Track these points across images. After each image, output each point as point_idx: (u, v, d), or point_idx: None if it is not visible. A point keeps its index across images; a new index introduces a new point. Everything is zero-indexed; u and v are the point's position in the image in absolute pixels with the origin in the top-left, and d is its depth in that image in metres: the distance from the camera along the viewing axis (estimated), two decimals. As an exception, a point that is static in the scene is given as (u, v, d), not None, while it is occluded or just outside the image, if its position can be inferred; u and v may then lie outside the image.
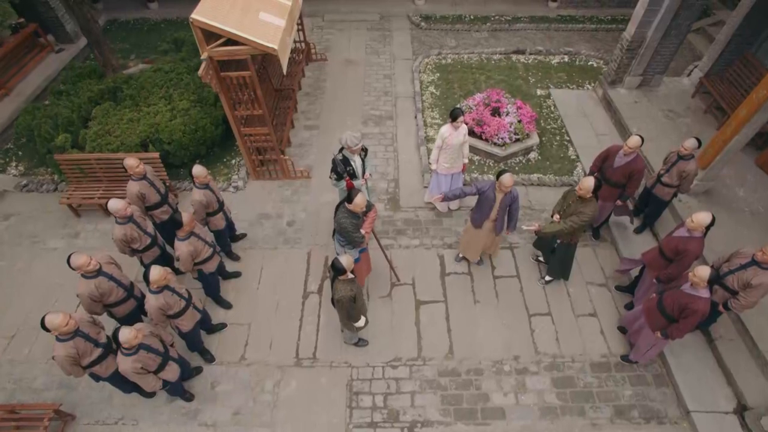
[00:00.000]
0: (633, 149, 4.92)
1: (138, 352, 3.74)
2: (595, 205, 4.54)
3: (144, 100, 6.64)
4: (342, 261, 3.85)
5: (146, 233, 4.79)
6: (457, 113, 5.17)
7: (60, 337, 3.72)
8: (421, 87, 8.38)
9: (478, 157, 7.03)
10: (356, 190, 4.23)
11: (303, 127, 7.81)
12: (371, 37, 9.80)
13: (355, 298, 4.07)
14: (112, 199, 4.48)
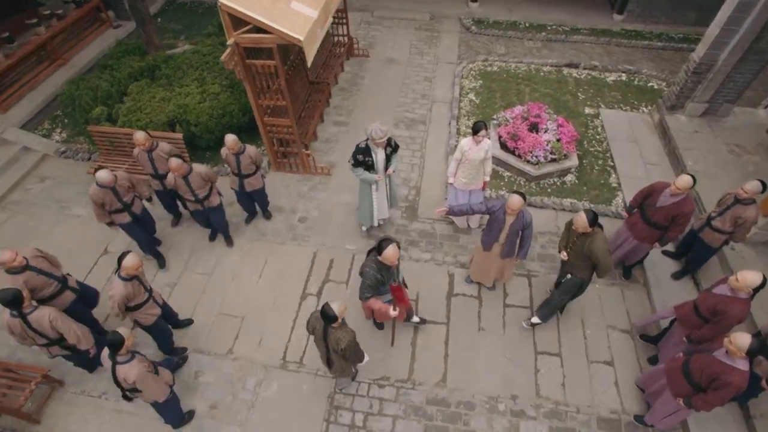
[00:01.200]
0: (682, 190, 4.30)
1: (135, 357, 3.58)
2: (602, 236, 4.04)
3: (178, 80, 6.74)
4: (334, 307, 3.43)
5: (121, 201, 4.96)
6: (480, 126, 4.78)
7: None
8: (460, 93, 7.98)
9: (508, 174, 6.57)
10: (388, 241, 3.65)
11: (332, 122, 7.66)
12: (418, 37, 9.50)
13: (355, 338, 3.70)
14: (101, 170, 4.70)
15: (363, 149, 4.89)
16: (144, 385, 3.60)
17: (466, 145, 5.03)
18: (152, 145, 5.13)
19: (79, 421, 4.47)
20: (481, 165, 5.14)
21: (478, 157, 5.04)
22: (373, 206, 5.48)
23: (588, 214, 3.97)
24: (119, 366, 3.46)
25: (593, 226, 4.00)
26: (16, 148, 7.00)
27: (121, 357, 3.46)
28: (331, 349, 3.69)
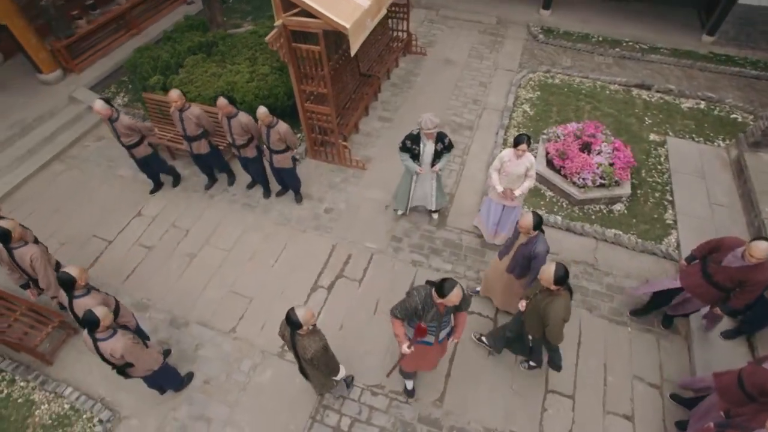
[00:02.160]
0: (757, 258, 3.53)
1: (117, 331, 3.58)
2: (565, 303, 3.44)
3: (231, 58, 6.90)
4: (299, 313, 3.14)
5: (119, 140, 5.48)
6: (521, 139, 4.43)
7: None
8: (515, 102, 7.56)
9: (551, 194, 6.10)
10: (453, 283, 3.10)
11: (377, 117, 7.53)
12: (480, 40, 9.13)
13: (326, 347, 3.48)
14: (99, 100, 5.13)
15: (413, 137, 4.92)
16: (134, 357, 3.63)
17: (506, 156, 4.70)
18: (183, 105, 5.27)
19: (84, 369, 4.67)
20: (520, 181, 4.78)
21: (517, 171, 4.69)
22: (410, 193, 5.46)
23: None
24: (101, 343, 3.48)
25: (561, 285, 3.35)
26: (82, 106, 7.50)
27: (101, 334, 3.47)
28: (300, 358, 3.50)
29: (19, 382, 4.60)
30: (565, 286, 3.44)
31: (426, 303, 3.33)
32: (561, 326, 3.55)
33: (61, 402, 4.45)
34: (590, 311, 4.96)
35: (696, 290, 4.12)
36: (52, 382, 4.55)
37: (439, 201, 5.62)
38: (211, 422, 4.30)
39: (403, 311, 3.44)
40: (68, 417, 4.36)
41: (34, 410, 4.42)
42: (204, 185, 6.38)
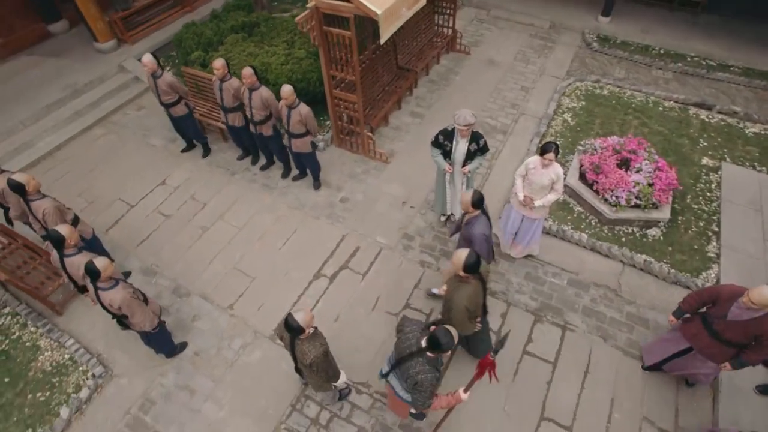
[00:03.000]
0: (758, 306, 3.08)
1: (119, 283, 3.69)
2: (472, 291, 3.35)
3: (270, 39, 6.95)
4: (298, 318, 3.00)
5: (158, 97, 5.80)
6: (548, 147, 4.11)
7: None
8: (556, 111, 7.13)
9: (580, 209, 5.68)
10: (448, 335, 2.77)
11: (409, 112, 7.35)
12: (529, 43, 8.72)
13: (327, 352, 3.34)
14: (149, 54, 5.47)
15: (447, 132, 4.68)
16: (130, 311, 3.69)
17: (532, 163, 4.39)
18: (225, 75, 5.35)
19: (89, 324, 4.83)
20: (543, 192, 4.45)
21: (541, 182, 4.36)
22: (446, 194, 5.20)
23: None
24: (102, 292, 3.58)
25: (471, 273, 3.24)
26: (129, 76, 7.84)
27: (103, 284, 3.56)
28: (299, 362, 3.37)
29: (29, 327, 4.83)
30: (476, 275, 3.32)
31: (436, 364, 2.97)
32: (463, 315, 3.43)
33: (62, 352, 4.62)
34: (605, 339, 4.55)
35: (707, 351, 3.60)
36: (58, 332, 4.74)
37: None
38: (194, 394, 4.31)
39: (431, 396, 3.00)
40: (66, 367, 4.52)
41: (38, 355, 4.62)
42: (237, 157, 6.55)
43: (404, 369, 3.00)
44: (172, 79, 5.66)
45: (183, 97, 5.92)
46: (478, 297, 3.44)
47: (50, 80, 7.52)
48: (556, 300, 4.89)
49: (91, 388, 4.32)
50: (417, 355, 2.91)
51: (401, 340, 3.07)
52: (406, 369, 2.98)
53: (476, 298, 3.43)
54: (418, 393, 2.98)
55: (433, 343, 2.80)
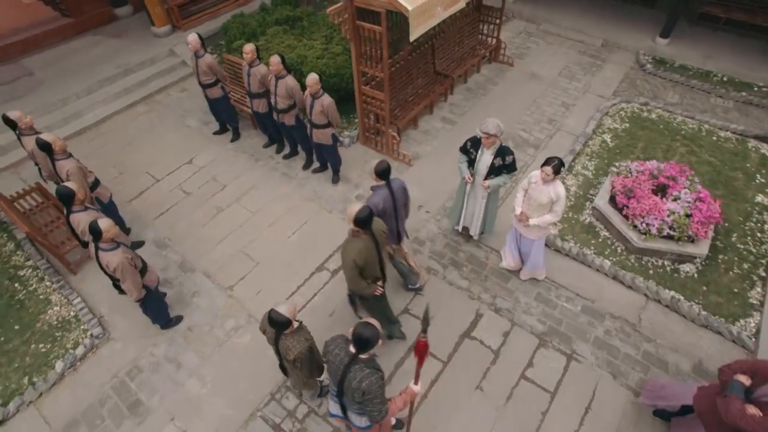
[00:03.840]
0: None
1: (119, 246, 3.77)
2: (359, 246, 3.32)
3: (310, 34, 7.06)
4: (281, 310, 2.97)
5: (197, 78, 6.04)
6: (550, 161, 3.83)
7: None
8: (595, 130, 6.74)
9: (606, 234, 5.28)
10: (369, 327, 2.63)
11: (441, 117, 7.20)
12: (577, 60, 8.35)
13: (312, 347, 3.26)
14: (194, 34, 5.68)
15: (475, 140, 4.42)
16: (123, 276, 3.77)
17: (534, 177, 4.10)
18: (253, 60, 5.48)
19: (97, 286, 4.99)
20: (540, 212, 4.11)
21: (539, 199, 4.03)
22: (463, 207, 4.94)
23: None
24: (102, 252, 3.66)
25: (361, 228, 3.23)
26: (177, 60, 8.22)
27: (104, 245, 3.65)
28: (282, 357, 3.27)
29: (46, 281, 5.07)
30: (367, 231, 3.31)
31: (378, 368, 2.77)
32: (352, 269, 3.39)
33: (69, 309, 4.81)
34: (614, 376, 4.15)
35: (707, 419, 3.09)
36: (69, 289, 4.94)
37: (484, 227, 4.97)
38: (181, 367, 4.33)
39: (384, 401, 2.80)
40: (70, 323, 4.69)
41: (48, 309, 4.83)
42: (263, 144, 6.68)
43: (347, 388, 2.73)
44: (211, 60, 5.86)
45: (220, 80, 6.11)
46: (368, 253, 3.40)
47: (107, 58, 8.02)
48: (566, 326, 4.53)
49: (87, 347, 4.44)
50: (352, 365, 2.68)
51: (331, 362, 2.82)
52: (348, 386, 2.71)
53: (366, 254, 3.38)
54: (370, 404, 2.70)
55: (358, 341, 2.61)
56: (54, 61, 8.04)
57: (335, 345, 2.84)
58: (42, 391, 4.18)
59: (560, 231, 5.37)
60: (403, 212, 4.25)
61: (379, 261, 3.56)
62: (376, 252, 3.48)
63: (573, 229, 5.38)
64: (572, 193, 5.81)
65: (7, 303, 4.89)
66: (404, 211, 4.27)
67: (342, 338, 2.86)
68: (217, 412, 4.03)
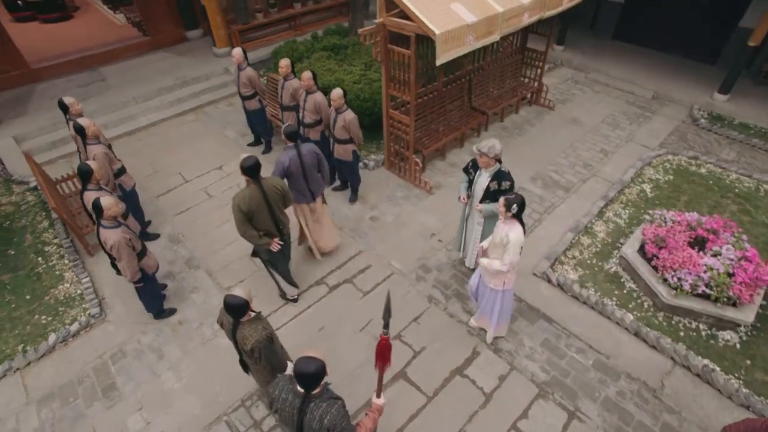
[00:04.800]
0: None
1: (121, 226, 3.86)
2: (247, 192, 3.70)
3: (351, 60, 7.34)
4: (237, 293, 2.85)
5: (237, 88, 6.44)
6: (507, 199, 3.45)
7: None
8: (633, 178, 6.31)
9: (631, 285, 4.78)
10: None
11: (471, 151, 7.03)
12: (623, 110, 8.02)
13: (271, 337, 3.07)
14: (238, 48, 6.18)
15: (473, 162, 4.28)
16: (119, 255, 3.85)
17: (497, 207, 3.75)
18: (288, 74, 5.76)
19: (108, 270, 5.10)
20: (496, 251, 3.65)
21: (496, 236, 3.63)
22: (463, 232, 4.76)
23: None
24: (102, 229, 3.77)
25: (247, 175, 3.66)
26: (230, 78, 8.80)
27: (105, 221, 3.76)
28: (241, 350, 3.09)
29: (64, 259, 5.32)
30: (255, 181, 3.61)
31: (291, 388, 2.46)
32: (236, 212, 3.75)
33: (77, 287, 4.98)
34: (622, 446, 3.58)
35: None
36: (81, 269, 5.14)
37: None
38: (162, 359, 4.28)
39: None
40: (74, 300, 4.84)
41: (59, 285, 5.03)
42: None
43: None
44: (252, 73, 6.22)
45: (258, 93, 6.44)
46: (253, 202, 3.74)
47: (169, 71, 8.78)
48: (572, 380, 4.03)
49: (82, 325, 4.53)
50: (305, 406, 2.36)
51: (281, 410, 2.47)
52: (309, 430, 2.38)
53: (251, 202, 3.72)
54: (342, 418, 2.38)
55: (304, 380, 2.30)
56: (125, 70, 8.92)
57: (280, 390, 2.48)
58: (31, 360, 4.27)
59: (580, 277, 4.93)
60: (314, 174, 4.55)
61: (271, 216, 3.95)
62: (266, 205, 3.85)
63: (595, 276, 4.92)
64: (599, 239, 5.38)
65: (27, 274, 5.15)
66: (317, 174, 4.58)
67: (285, 379, 2.51)
68: (185, 410, 3.89)
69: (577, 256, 5.19)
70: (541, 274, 4.94)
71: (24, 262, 5.31)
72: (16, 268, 5.22)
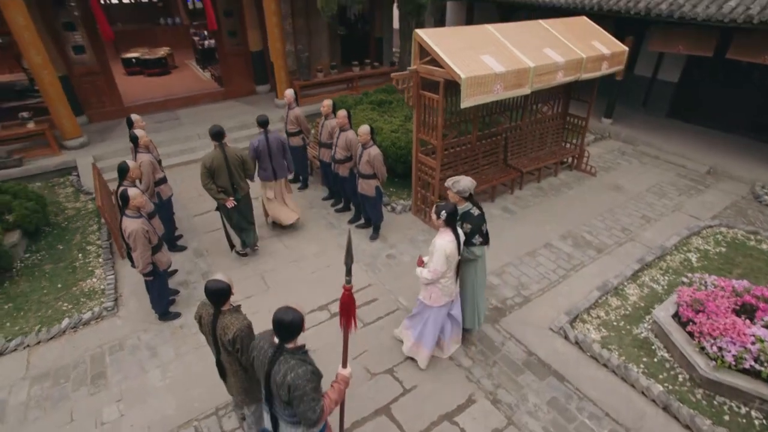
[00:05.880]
0: None
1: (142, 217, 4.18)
2: (212, 152, 4.66)
3: (393, 112, 7.79)
4: (219, 277, 2.85)
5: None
6: (440, 208, 3.49)
7: None
8: (677, 246, 5.79)
9: (664, 354, 4.18)
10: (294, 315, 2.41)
11: (501, 206, 6.95)
12: (673, 181, 7.61)
13: (251, 328, 2.98)
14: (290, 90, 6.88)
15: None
16: (134, 244, 4.10)
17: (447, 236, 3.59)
18: (328, 114, 6.35)
19: (133, 272, 5.42)
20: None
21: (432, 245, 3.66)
22: None
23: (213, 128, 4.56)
24: (125, 218, 4.10)
25: (213, 140, 4.57)
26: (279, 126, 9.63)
27: (128, 211, 4.09)
28: (220, 346, 2.98)
29: (99, 258, 5.73)
30: (219, 145, 4.89)
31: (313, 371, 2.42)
32: (201, 167, 4.92)
33: (102, 283, 5.30)
34: None
35: None
36: (110, 268, 5.49)
37: (471, 321, 4.22)
38: (154, 357, 4.31)
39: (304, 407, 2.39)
40: (95, 293, 5.13)
41: (88, 279, 5.38)
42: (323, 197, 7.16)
43: (273, 386, 2.42)
44: (299, 113, 6.79)
45: (303, 131, 6.97)
46: (216, 162, 4.90)
47: (233, 116, 9.81)
48: (580, 448, 3.47)
49: (94, 315, 4.74)
50: (276, 357, 2.39)
51: (257, 357, 2.54)
52: (274, 383, 2.40)
53: (214, 161, 4.89)
54: (300, 402, 2.32)
55: (279, 327, 2.34)
56: (197, 113, 10.11)
57: (260, 338, 2.60)
58: (41, 340, 4.48)
59: (603, 338, 4.42)
60: (279, 159, 5.77)
61: (229, 177, 5.02)
62: (226, 167, 4.95)
63: (621, 339, 4.40)
64: (630, 302, 4.88)
65: (65, 266, 5.59)
66: (281, 159, 5.80)
67: (269, 332, 2.57)
68: (159, 409, 3.80)
69: (603, 317, 4.70)
70: (558, 329, 4.50)
71: (67, 256, 5.79)
72: (59, 260, 5.70)
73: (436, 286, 3.68)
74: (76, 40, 8.96)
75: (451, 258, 3.52)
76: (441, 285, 3.67)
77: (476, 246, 3.80)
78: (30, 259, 5.70)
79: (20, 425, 3.69)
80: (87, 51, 9.12)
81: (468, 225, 3.79)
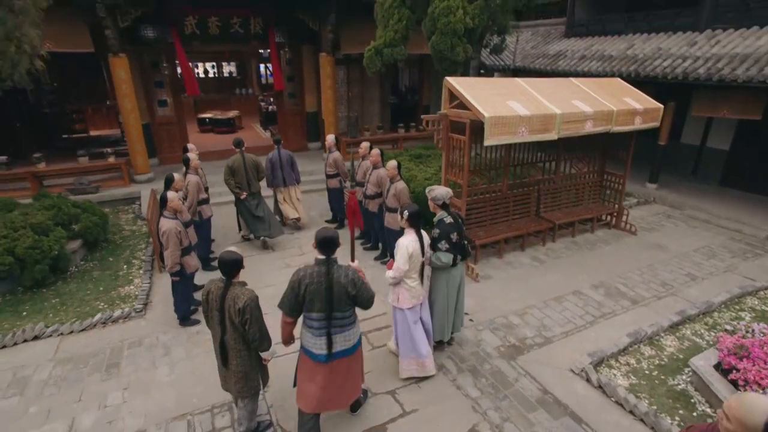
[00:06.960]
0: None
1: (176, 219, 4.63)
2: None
3: (429, 162, 8.15)
4: (232, 248, 3.13)
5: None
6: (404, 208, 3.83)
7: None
8: (727, 303, 5.27)
9: (706, 409, 3.67)
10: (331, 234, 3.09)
11: (531, 255, 6.77)
12: (724, 244, 7.08)
13: (258, 302, 3.10)
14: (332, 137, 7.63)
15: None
16: (167, 243, 4.49)
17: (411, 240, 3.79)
18: (365, 155, 6.69)
19: (167, 284, 5.80)
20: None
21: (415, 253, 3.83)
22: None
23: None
24: (162, 218, 4.55)
25: (235, 147, 4.64)
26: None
27: (166, 212, 4.55)
28: (227, 322, 3.06)
29: (141, 270, 6.20)
30: (239, 151, 5.94)
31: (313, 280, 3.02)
32: (225, 169, 6.47)
33: (137, 290, 5.68)
34: None
35: None
36: (147, 279, 5.90)
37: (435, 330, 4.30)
38: (167, 355, 4.46)
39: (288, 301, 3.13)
40: (129, 298, 5.50)
41: (126, 285, 5.81)
42: None
43: (340, 291, 3.01)
44: (338, 156, 7.32)
45: (340, 174, 7.43)
46: (236, 163, 6.52)
47: (285, 165, 10.67)
48: (594, 495, 3.03)
49: (123, 315, 5.05)
50: (331, 269, 3.00)
51: (312, 283, 3.00)
52: (340, 287, 3.00)
53: (234, 162, 6.50)
54: (362, 288, 3.08)
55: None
56: (254, 162, 11.11)
57: (305, 269, 3.08)
58: (73, 330, 4.81)
59: (632, 385, 4.00)
60: (288, 169, 7.21)
61: (246, 176, 6.49)
62: (243, 168, 6.45)
63: (654, 389, 3.95)
64: (667, 353, 4.43)
65: (110, 274, 6.10)
66: (290, 169, 7.26)
67: (310, 264, 3.11)
68: (159, 400, 3.87)
69: (633, 364, 4.27)
70: (580, 371, 4.13)
71: (114, 266, 6.32)
72: (106, 269, 6.23)
73: (403, 287, 3.83)
74: (161, 95, 10.51)
75: (414, 258, 3.69)
76: (408, 286, 3.81)
77: (442, 252, 3.95)
78: (84, 266, 6.29)
79: (35, 398, 3.89)
80: (168, 104, 10.61)
81: (437, 230, 4.01)
